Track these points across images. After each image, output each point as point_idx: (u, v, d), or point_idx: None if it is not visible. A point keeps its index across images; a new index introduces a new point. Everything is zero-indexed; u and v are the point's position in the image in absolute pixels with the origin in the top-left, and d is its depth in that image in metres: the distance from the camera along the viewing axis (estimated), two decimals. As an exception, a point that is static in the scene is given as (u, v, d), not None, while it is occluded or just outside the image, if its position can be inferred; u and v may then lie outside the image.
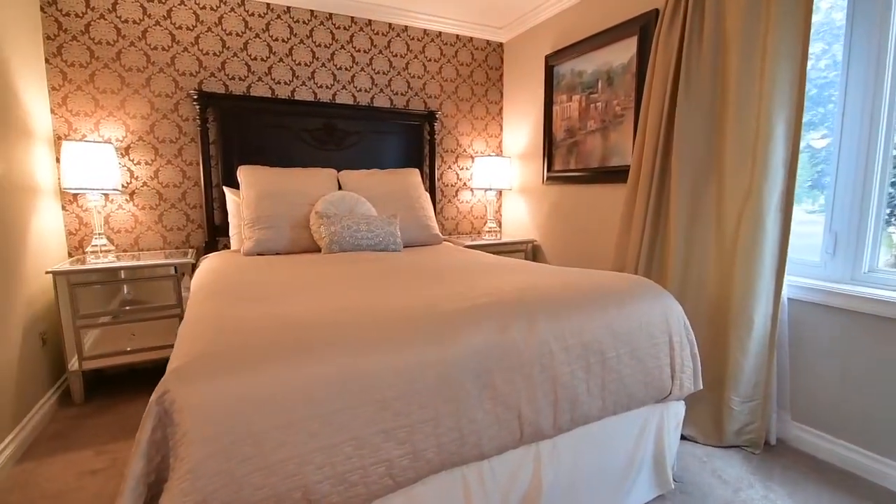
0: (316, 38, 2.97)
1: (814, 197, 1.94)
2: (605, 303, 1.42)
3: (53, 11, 2.36)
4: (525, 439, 1.24)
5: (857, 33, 1.70)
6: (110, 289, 2.35)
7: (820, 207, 1.89)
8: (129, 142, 2.59)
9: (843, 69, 1.75)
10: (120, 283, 2.33)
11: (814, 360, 1.82)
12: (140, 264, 2.29)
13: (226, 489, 0.91)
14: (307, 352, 1.02)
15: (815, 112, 1.89)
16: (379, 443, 1.03)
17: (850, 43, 1.72)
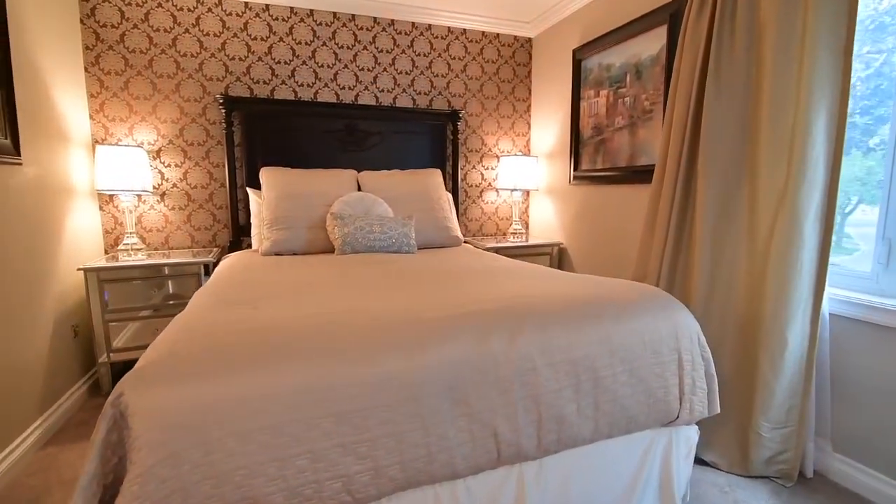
0: (339, 40, 2.99)
1: (867, 199, 1.70)
2: (601, 315, 1.31)
3: (91, 23, 2.51)
4: (504, 460, 1.16)
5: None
6: (140, 285, 2.47)
7: (873, 211, 1.66)
8: (161, 145, 2.71)
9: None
10: (146, 280, 2.44)
11: (860, 385, 1.60)
12: (161, 262, 2.39)
13: (175, 496, 0.90)
14: (263, 361, 0.99)
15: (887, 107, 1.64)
16: (336, 457, 0.99)
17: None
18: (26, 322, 1.90)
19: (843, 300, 1.63)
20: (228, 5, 2.74)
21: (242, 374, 0.96)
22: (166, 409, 0.91)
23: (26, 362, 1.88)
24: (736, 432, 1.74)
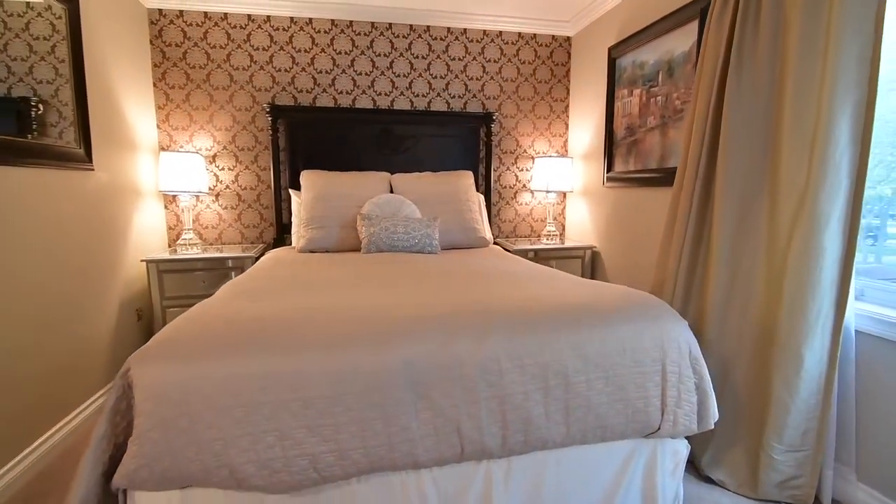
0: (376, 48, 3.14)
1: (908, 206, 1.54)
2: (577, 322, 1.31)
3: (159, 43, 2.85)
4: (468, 455, 1.21)
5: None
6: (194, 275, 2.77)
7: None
8: (216, 150, 3.01)
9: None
10: (198, 272, 2.73)
11: (891, 411, 1.45)
12: (209, 256, 2.67)
13: (165, 457, 1.06)
14: (239, 348, 1.12)
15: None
16: (302, 437, 1.10)
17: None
18: (97, 305, 2.23)
19: (876, 317, 1.48)
20: (276, 21, 2.98)
21: (221, 358, 1.10)
22: (158, 384, 1.07)
23: (96, 340, 2.20)
24: (747, 452, 1.64)
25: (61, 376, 1.94)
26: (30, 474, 1.71)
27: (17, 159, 1.77)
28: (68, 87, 2.08)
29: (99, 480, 1.07)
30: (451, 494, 1.24)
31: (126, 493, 1.11)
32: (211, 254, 2.71)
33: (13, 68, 1.92)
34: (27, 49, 1.96)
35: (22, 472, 1.68)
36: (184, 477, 1.08)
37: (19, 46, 1.93)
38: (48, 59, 2.03)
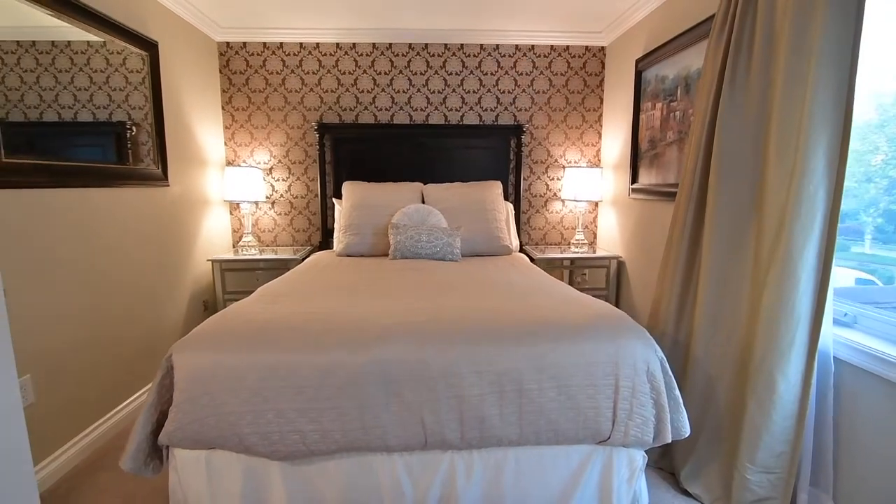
0: (413, 68, 3.39)
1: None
2: (535, 336, 1.46)
3: (227, 72, 3.31)
4: (431, 445, 1.42)
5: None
6: (249, 273, 3.20)
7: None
8: (272, 164, 3.44)
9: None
10: (252, 271, 3.15)
11: (872, 444, 1.44)
12: (262, 258, 3.08)
13: (194, 424, 1.38)
14: (248, 343, 1.42)
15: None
16: (294, 417, 1.37)
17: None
18: (171, 298, 2.70)
19: (859, 348, 1.47)
20: (324, 47, 3.32)
21: (234, 351, 1.40)
22: (190, 367, 1.39)
23: (169, 326, 2.67)
24: (722, 470, 1.69)
25: (141, 355, 2.40)
26: (112, 432, 2.16)
27: (115, 181, 2.24)
28: (150, 116, 2.54)
29: (148, 437, 1.42)
30: (419, 477, 1.46)
31: (168, 449, 1.46)
32: (262, 255, 3.13)
33: (113, 97, 2.40)
34: (124, 80, 2.43)
35: (108, 430, 2.14)
36: (207, 440, 1.39)
37: (118, 79, 2.40)
38: (140, 88, 2.50)
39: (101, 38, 2.19)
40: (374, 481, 1.46)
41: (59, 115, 2.11)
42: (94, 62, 2.24)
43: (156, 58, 2.54)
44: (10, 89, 1.85)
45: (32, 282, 1.77)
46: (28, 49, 1.95)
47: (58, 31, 2.07)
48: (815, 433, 1.57)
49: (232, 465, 1.45)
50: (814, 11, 1.43)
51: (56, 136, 2.14)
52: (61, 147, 2.17)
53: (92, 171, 2.15)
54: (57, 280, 1.89)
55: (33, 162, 1.79)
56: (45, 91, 2.02)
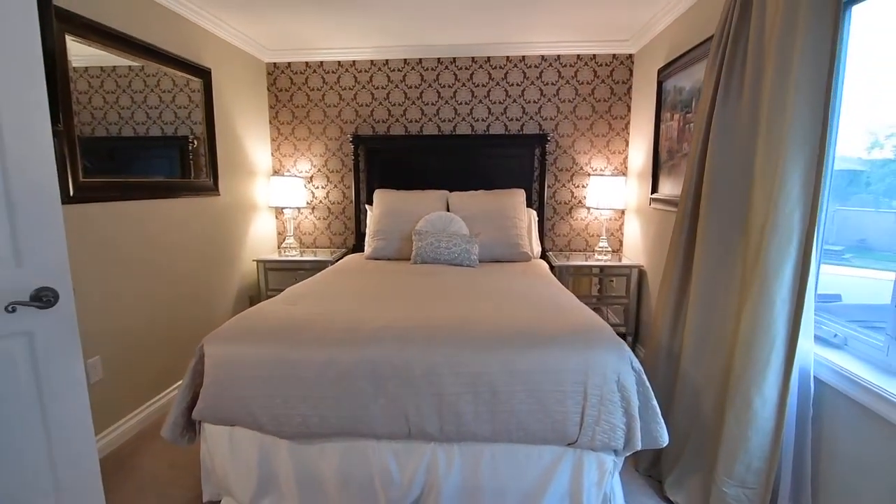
0: (441, 81, 3.57)
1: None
2: (511, 343, 1.59)
3: (274, 89, 3.66)
4: (414, 436, 1.60)
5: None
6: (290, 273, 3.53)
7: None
8: (312, 173, 3.75)
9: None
10: (291, 270, 3.48)
11: (850, 469, 1.44)
12: (300, 259, 3.40)
13: (217, 402, 1.65)
14: (262, 338, 1.67)
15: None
16: (297, 403, 1.60)
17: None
18: (221, 292, 3.07)
19: (838, 370, 1.47)
20: (359, 65, 3.58)
21: (250, 344, 1.65)
22: (216, 356, 1.66)
23: (218, 318, 3.03)
24: (703, 481, 1.73)
25: (193, 342, 2.75)
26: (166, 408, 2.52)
27: (172, 193, 2.61)
28: (204, 135, 2.91)
29: (183, 412, 1.71)
30: (405, 463, 1.65)
31: (199, 423, 1.74)
32: (302, 257, 3.45)
33: (178, 114, 2.78)
34: (187, 99, 2.81)
35: (162, 406, 2.51)
36: (229, 418, 1.66)
37: (182, 98, 2.77)
38: (200, 106, 2.88)
39: (161, 70, 2.55)
40: (365, 464, 1.66)
41: (134, 131, 2.50)
42: (163, 83, 2.61)
43: (209, 82, 2.90)
44: (95, 108, 2.22)
45: (104, 278, 2.14)
46: (110, 73, 2.32)
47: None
48: (794, 452, 1.58)
49: (249, 440, 1.71)
50: (794, 36, 1.45)
51: (131, 148, 2.52)
52: (135, 158, 2.56)
53: (153, 185, 2.52)
54: (124, 277, 2.26)
55: (105, 180, 2.16)
56: (123, 109, 2.40)
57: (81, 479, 1.51)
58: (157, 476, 1.98)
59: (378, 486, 1.66)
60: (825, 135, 1.39)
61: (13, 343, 1.36)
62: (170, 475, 1.98)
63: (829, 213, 1.70)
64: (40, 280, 1.37)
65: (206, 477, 1.79)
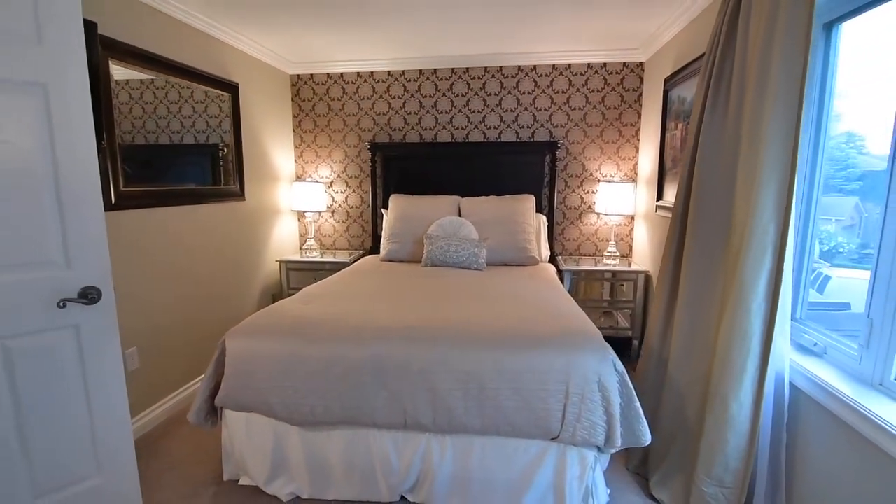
0: (455, 90, 3.70)
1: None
2: (501, 345, 1.72)
3: (297, 100, 3.88)
4: (410, 426, 1.75)
5: None
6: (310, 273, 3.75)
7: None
8: (332, 178, 3.96)
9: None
10: (311, 270, 3.69)
11: (822, 474, 1.50)
12: (319, 260, 3.60)
13: (237, 391, 1.84)
14: (275, 334, 1.85)
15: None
16: (306, 392, 1.77)
17: None
18: (246, 290, 3.30)
19: (811, 378, 1.53)
20: (377, 76, 3.76)
21: (265, 339, 1.84)
22: (236, 349, 1.85)
23: (243, 314, 3.26)
24: (685, 480, 1.81)
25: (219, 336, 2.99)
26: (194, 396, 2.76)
27: (202, 199, 2.84)
28: (231, 144, 3.14)
29: (207, 399, 1.91)
30: (402, 451, 1.80)
31: (221, 409, 1.94)
32: (320, 258, 3.65)
33: (209, 123, 3.02)
34: (218, 109, 3.05)
35: (191, 394, 2.74)
36: (246, 405, 1.85)
37: (213, 108, 3.01)
38: (229, 116, 3.11)
39: (191, 86, 2.78)
40: (367, 451, 1.82)
41: (169, 139, 2.73)
42: (196, 95, 2.85)
43: (236, 96, 3.12)
44: (135, 118, 2.45)
45: (141, 278, 2.38)
46: (148, 86, 2.56)
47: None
48: (770, 454, 1.65)
49: (265, 426, 1.89)
50: (770, 59, 1.52)
51: (167, 155, 2.75)
52: (171, 164, 2.79)
53: (185, 192, 2.76)
54: (158, 277, 2.50)
55: (143, 189, 2.40)
56: (161, 119, 2.64)
57: (119, 455, 1.73)
58: (184, 456, 2.20)
59: (378, 471, 1.82)
60: (795, 155, 1.45)
61: (63, 334, 1.58)
62: (195, 456, 2.20)
63: (814, 225, 1.76)
64: (86, 280, 1.58)
65: (227, 458, 1.98)
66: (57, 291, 1.53)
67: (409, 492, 1.87)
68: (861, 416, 1.31)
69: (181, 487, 1.97)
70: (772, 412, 1.64)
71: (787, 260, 1.56)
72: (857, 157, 1.69)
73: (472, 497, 1.79)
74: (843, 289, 1.91)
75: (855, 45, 1.65)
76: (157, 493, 1.92)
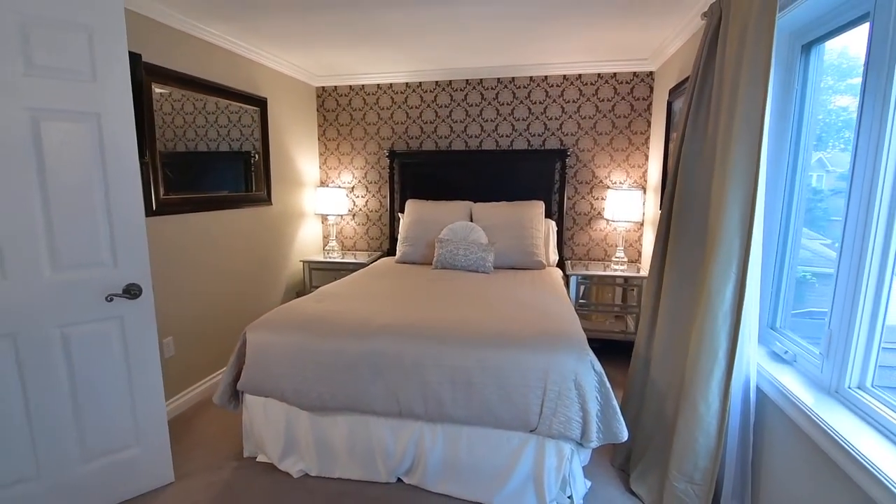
0: (469, 100, 3.88)
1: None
2: (486, 343, 1.89)
3: (322, 110, 4.14)
4: (405, 415, 1.94)
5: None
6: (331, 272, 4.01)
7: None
8: (354, 184, 4.21)
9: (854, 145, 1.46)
10: (331, 270, 3.94)
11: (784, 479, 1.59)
12: (339, 261, 3.85)
13: (255, 377, 2.08)
14: (287, 327, 2.08)
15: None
16: (314, 382, 2.00)
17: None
18: (273, 288, 3.59)
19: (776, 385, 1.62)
20: (395, 87, 3.98)
21: (279, 333, 2.07)
22: (255, 341, 2.10)
23: (268, 310, 3.54)
24: (659, 476, 1.93)
25: (246, 329, 3.29)
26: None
27: (233, 205, 3.13)
28: (260, 154, 3.43)
29: (230, 384, 2.16)
30: (398, 436, 1.99)
31: (242, 393, 2.19)
32: (341, 259, 3.91)
33: (243, 131, 3.31)
34: (251, 119, 3.34)
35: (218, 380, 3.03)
36: (262, 391, 2.09)
37: (246, 118, 3.30)
38: (258, 126, 3.39)
39: (226, 102, 3.07)
40: (368, 434, 2.03)
41: (207, 146, 3.03)
42: (231, 106, 3.14)
43: (265, 110, 3.40)
44: (177, 127, 2.75)
45: (177, 276, 2.67)
46: (189, 98, 2.84)
47: (201, 102, 2.97)
48: (738, 455, 1.75)
49: (279, 409, 2.13)
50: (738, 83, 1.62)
51: (205, 161, 3.05)
52: (208, 170, 3.09)
53: (219, 199, 3.05)
54: (192, 275, 2.79)
55: (180, 196, 2.69)
56: (199, 128, 2.94)
57: (155, 429, 2.00)
58: (210, 435, 2.47)
59: (377, 454, 2.03)
60: (757, 176, 1.56)
61: (110, 324, 1.86)
62: (219, 435, 2.47)
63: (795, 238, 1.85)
64: (129, 278, 1.86)
65: (247, 437, 2.24)
66: (106, 287, 1.80)
67: (404, 474, 2.06)
68: (808, 417, 1.41)
69: (207, 461, 2.24)
70: (739, 415, 1.74)
71: (754, 274, 1.66)
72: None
73: (461, 481, 1.97)
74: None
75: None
76: (186, 465, 2.19)
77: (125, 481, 1.96)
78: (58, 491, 1.81)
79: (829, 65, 1.78)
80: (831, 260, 1.55)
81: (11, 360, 1.68)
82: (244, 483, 2.08)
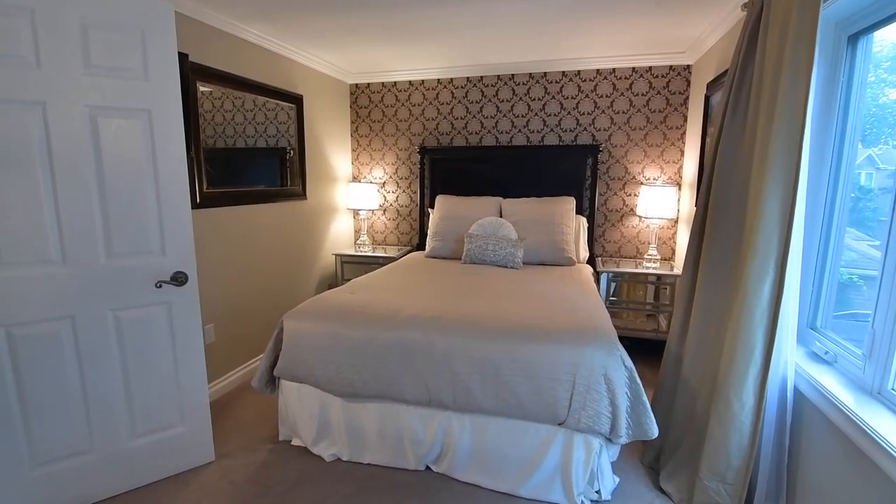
0: (500, 96, 3.88)
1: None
2: (515, 336, 1.90)
3: (355, 107, 4.23)
4: (434, 404, 1.98)
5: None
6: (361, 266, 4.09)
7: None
8: (385, 179, 4.28)
9: None
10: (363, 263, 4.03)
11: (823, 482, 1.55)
12: (369, 255, 3.93)
13: (290, 363, 2.17)
14: (321, 316, 2.15)
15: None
16: (346, 369, 2.06)
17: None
18: (306, 280, 3.70)
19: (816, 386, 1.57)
20: (427, 84, 4.02)
21: (314, 321, 2.15)
22: (290, 328, 2.18)
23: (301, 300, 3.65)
24: (689, 474, 1.90)
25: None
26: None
27: (271, 199, 3.25)
28: (296, 150, 3.54)
29: (268, 369, 2.26)
30: (428, 424, 2.04)
31: (278, 378, 2.28)
32: (372, 252, 3.99)
33: (279, 128, 3.43)
34: (286, 116, 3.45)
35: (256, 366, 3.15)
36: (297, 377, 2.17)
37: (282, 115, 3.41)
38: (295, 122, 3.50)
39: (263, 99, 3.18)
40: (398, 422, 2.08)
41: (245, 143, 3.15)
42: (269, 104, 3.25)
43: (301, 107, 3.51)
44: (217, 124, 2.87)
45: (218, 266, 2.80)
46: (228, 96, 2.95)
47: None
48: (773, 456, 1.71)
49: (313, 395, 2.21)
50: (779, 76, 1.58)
51: (244, 157, 3.17)
52: (248, 165, 3.21)
53: (257, 193, 3.17)
54: (232, 265, 2.91)
55: (222, 190, 2.81)
56: (238, 125, 3.06)
57: (198, 410, 2.11)
58: (248, 418, 2.58)
59: (406, 441, 2.08)
60: (798, 171, 1.51)
61: (159, 309, 1.97)
62: (257, 418, 2.58)
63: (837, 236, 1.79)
64: (176, 266, 1.96)
65: (282, 421, 2.33)
66: (155, 274, 1.92)
67: (433, 463, 2.10)
68: (848, 418, 1.37)
69: (244, 443, 2.35)
70: (775, 415, 1.70)
71: (794, 272, 1.62)
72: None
73: (488, 471, 2.00)
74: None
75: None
76: (225, 446, 2.31)
77: (169, 458, 2.08)
78: (109, 464, 1.94)
79: (884, 56, 1.71)
80: (878, 262, 1.50)
81: (70, 341, 1.81)
82: (279, 464, 2.17)
